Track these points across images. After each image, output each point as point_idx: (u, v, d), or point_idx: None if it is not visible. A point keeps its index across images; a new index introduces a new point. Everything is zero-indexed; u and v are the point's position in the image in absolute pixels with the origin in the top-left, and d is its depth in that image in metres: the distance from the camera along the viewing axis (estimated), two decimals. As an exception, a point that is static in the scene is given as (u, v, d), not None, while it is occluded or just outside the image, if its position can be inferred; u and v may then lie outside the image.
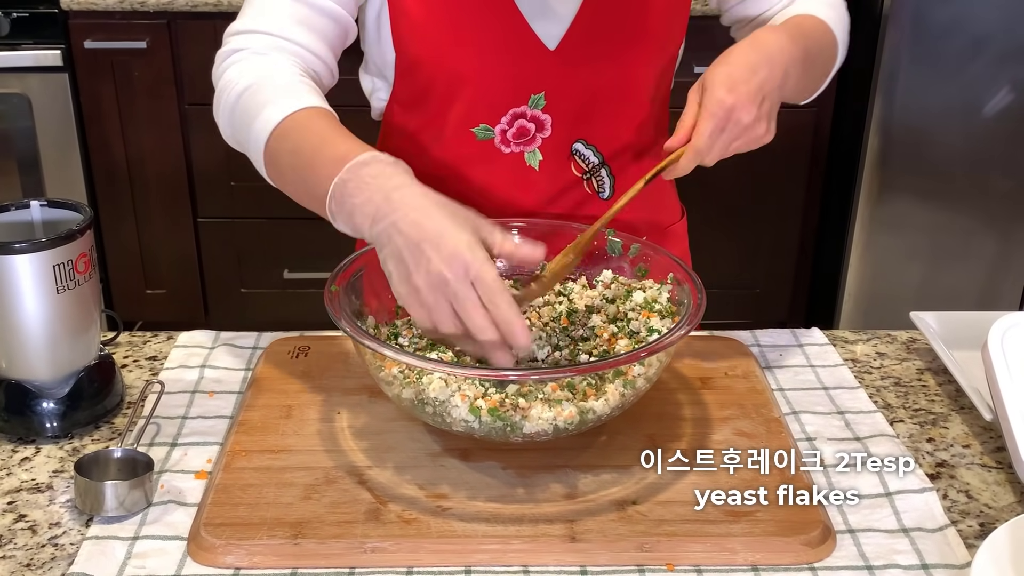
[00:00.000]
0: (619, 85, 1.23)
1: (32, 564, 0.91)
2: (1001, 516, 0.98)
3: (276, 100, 1.05)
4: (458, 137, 1.22)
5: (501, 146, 1.22)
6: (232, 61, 1.12)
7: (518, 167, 1.23)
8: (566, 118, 1.22)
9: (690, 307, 1.02)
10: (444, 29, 1.16)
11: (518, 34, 1.17)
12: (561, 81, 1.20)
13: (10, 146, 2.71)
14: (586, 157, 1.25)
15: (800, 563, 0.92)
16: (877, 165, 2.70)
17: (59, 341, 1.06)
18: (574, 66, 1.19)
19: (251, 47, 1.11)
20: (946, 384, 1.20)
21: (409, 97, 1.22)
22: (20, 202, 1.10)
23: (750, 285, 2.97)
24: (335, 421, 1.08)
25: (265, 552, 0.91)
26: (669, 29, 1.24)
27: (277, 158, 1.05)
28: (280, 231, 2.86)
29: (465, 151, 1.22)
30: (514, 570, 0.91)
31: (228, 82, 1.10)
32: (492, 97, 1.20)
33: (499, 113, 1.21)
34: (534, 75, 1.19)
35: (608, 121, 1.24)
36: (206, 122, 2.85)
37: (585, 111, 1.22)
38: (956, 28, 2.57)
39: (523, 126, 1.21)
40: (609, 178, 1.27)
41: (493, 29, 1.16)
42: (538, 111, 1.20)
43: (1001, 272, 2.81)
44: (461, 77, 1.18)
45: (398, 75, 1.20)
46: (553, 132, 1.22)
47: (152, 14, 2.61)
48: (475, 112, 1.20)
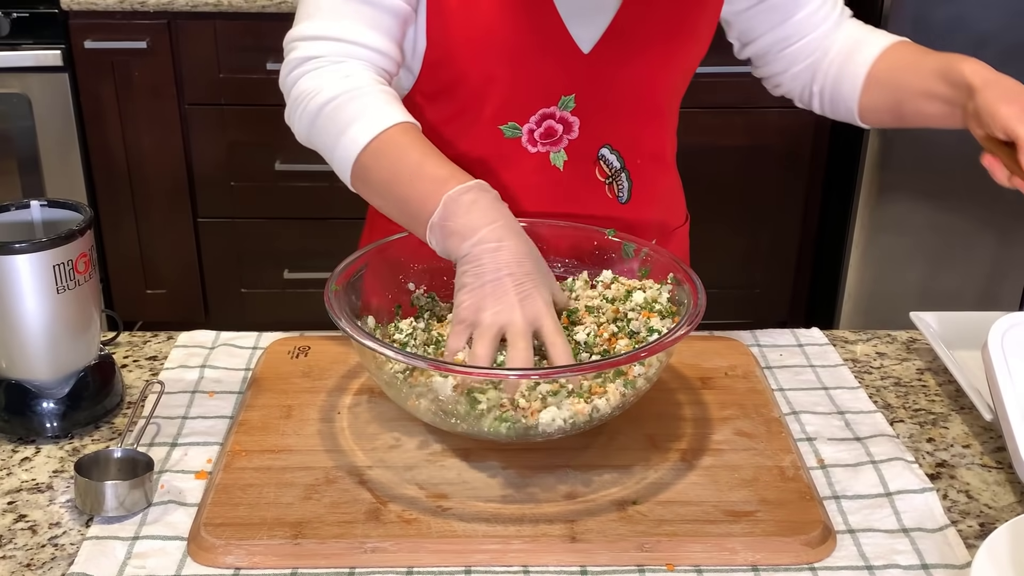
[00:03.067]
0: (647, 91, 1.24)
1: (32, 564, 0.91)
2: (1001, 516, 0.98)
3: (363, 116, 1.08)
4: (485, 133, 1.22)
5: (528, 145, 1.22)
6: (306, 69, 1.13)
7: (543, 167, 1.24)
8: (594, 121, 1.23)
9: (690, 307, 1.02)
10: (480, 25, 1.16)
11: (553, 35, 1.17)
12: (592, 84, 1.20)
13: (10, 146, 2.70)
14: (610, 162, 1.25)
15: (800, 563, 0.92)
16: (877, 165, 2.70)
17: (59, 341, 1.06)
18: (606, 70, 1.20)
19: (323, 55, 1.12)
20: (946, 384, 1.20)
21: (435, 89, 1.22)
22: (20, 202, 1.10)
23: (750, 285, 2.97)
24: (335, 421, 1.08)
25: (265, 552, 0.91)
26: (699, 38, 1.26)
27: (367, 174, 1.09)
28: (280, 231, 2.86)
29: (491, 148, 1.22)
30: (514, 570, 0.91)
31: (305, 92, 1.12)
32: (523, 96, 1.20)
33: (528, 112, 1.21)
34: (566, 77, 1.19)
35: (633, 126, 1.26)
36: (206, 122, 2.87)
37: (613, 115, 1.23)
38: (956, 28, 2.57)
39: (551, 126, 1.21)
40: (628, 182, 1.28)
41: (529, 29, 1.17)
42: (567, 112, 1.21)
43: (1001, 272, 2.81)
44: (492, 74, 1.18)
45: (426, 65, 1.20)
46: (580, 135, 1.23)
47: (152, 14, 2.61)
48: (505, 110, 1.21)
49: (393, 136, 1.07)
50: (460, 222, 1.00)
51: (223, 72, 2.69)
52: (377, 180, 1.08)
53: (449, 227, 1.00)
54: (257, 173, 2.80)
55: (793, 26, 1.28)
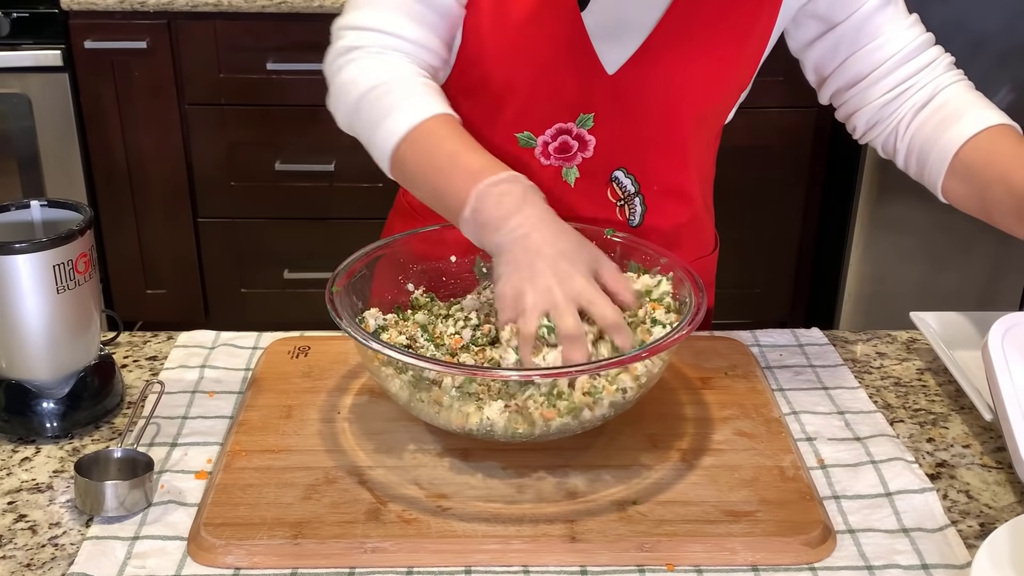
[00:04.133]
0: (669, 121, 1.22)
1: (32, 564, 0.91)
2: (1001, 516, 0.98)
3: (402, 106, 1.09)
4: (501, 138, 1.22)
5: (541, 157, 1.22)
6: (350, 59, 1.13)
7: (554, 181, 1.23)
8: (611, 143, 1.22)
9: (691, 307, 1.02)
10: (508, 31, 1.16)
11: (579, 53, 1.16)
12: (613, 106, 1.19)
13: (10, 146, 2.70)
14: (624, 185, 1.25)
15: (800, 563, 0.92)
16: (877, 165, 2.70)
17: (59, 341, 1.06)
18: (629, 93, 1.19)
19: (367, 45, 1.13)
20: (946, 384, 1.20)
21: (465, 85, 1.22)
22: (20, 202, 1.10)
23: (750, 285, 2.97)
24: (335, 421, 1.08)
25: (265, 552, 0.91)
26: (735, 75, 1.23)
27: (404, 164, 1.09)
28: (280, 231, 2.86)
29: (505, 153, 1.21)
30: (514, 570, 0.91)
31: (348, 81, 1.13)
32: (541, 108, 1.20)
33: (545, 125, 1.21)
34: (587, 95, 1.19)
35: (651, 154, 1.24)
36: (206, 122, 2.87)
37: (631, 139, 1.22)
38: (956, 28, 2.57)
39: (566, 142, 1.21)
40: (641, 207, 1.26)
41: (555, 43, 1.16)
42: (584, 130, 1.21)
43: (1001, 272, 2.81)
44: (513, 81, 1.18)
45: (460, 60, 1.20)
46: (595, 154, 1.22)
47: (152, 14, 2.61)
48: (522, 119, 1.21)
49: (430, 127, 1.08)
50: (491, 215, 1.00)
51: (223, 72, 2.69)
52: (413, 171, 1.09)
53: (480, 220, 1.01)
54: (257, 173, 2.80)
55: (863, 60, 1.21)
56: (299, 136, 2.75)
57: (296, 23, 2.63)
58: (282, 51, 2.66)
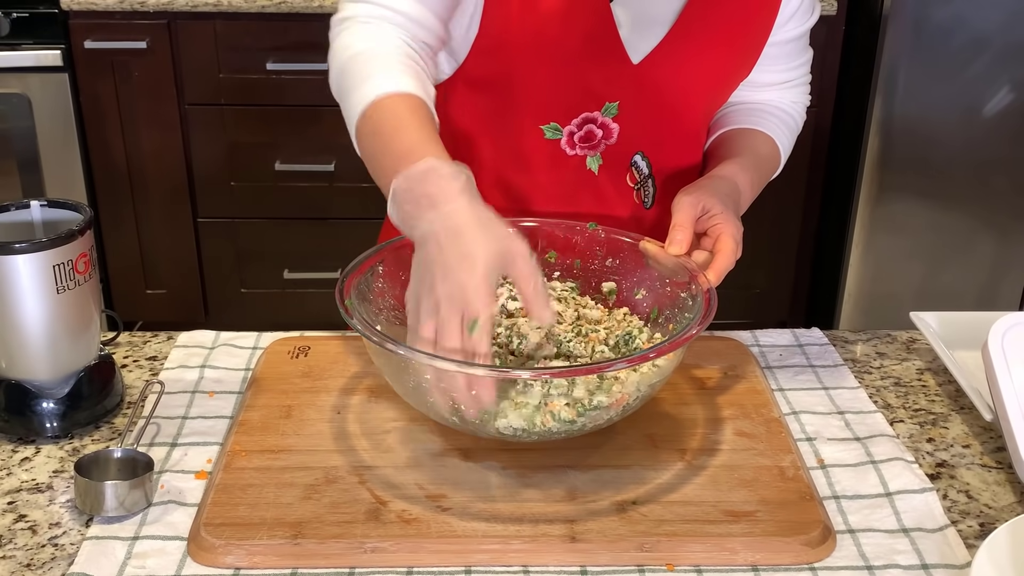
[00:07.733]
0: (690, 106, 1.26)
1: (32, 564, 0.91)
2: (1001, 516, 0.98)
3: (372, 78, 1.08)
4: (526, 131, 1.22)
5: (566, 147, 1.23)
6: (343, 28, 1.14)
7: (579, 170, 1.24)
8: (633, 129, 1.23)
9: (700, 308, 1.02)
10: (535, 23, 1.16)
11: (606, 43, 1.18)
12: (638, 94, 1.21)
13: (10, 146, 2.70)
14: (641, 168, 1.26)
15: (800, 563, 0.92)
16: (877, 165, 2.70)
17: (59, 341, 1.06)
18: (653, 82, 1.21)
19: (359, 15, 1.13)
20: (946, 384, 1.20)
21: (480, 77, 1.21)
22: (20, 202, 1.10)
23: (750, 285, 2.97)
24: (335, 421, 1.08)
25: (265, 552, 0.91)
26: (745, 62, 1.27)
27: (361, 137, 1.08)
28: (280, 231, 2.86)
29: (529, 146, 1.22)
30: (514, 570, 0.91)
31: (339, 47, 1.13)
32: (568, 99, 1.20)
33: (571, 115, 1.21)
34: (613, 85, 1.20)
35: (670, 138, 1.27)
36: (206, 122, 2.88)
37: (653, 125, 1.24)
38: (956, 28, 2.57)
39: (591, 131, 1.22)
40: (653, 188, 1.29)
41: (583, 34, 1.17)
42: (609, 119, 1.22)
43: (1001, 272, 2.81)
44: (540, 73, 1.18)
45: (474, 52, 1.19)
46: (618, 141, 1.24)
47: (152, 14, 2.61)
48: (548, 110, 1.21)
49: (386, 103, 1.05)
50: (408, 211, 0.96)
51: (223, 72, 2.69)
52: (365, 145, 1.08)
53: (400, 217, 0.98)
54: (257, 173, 2.80)
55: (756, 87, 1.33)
56: (299, 136, 2.75)
57: (296, 23, 2.63)
58: (282, 51, 2.66)
